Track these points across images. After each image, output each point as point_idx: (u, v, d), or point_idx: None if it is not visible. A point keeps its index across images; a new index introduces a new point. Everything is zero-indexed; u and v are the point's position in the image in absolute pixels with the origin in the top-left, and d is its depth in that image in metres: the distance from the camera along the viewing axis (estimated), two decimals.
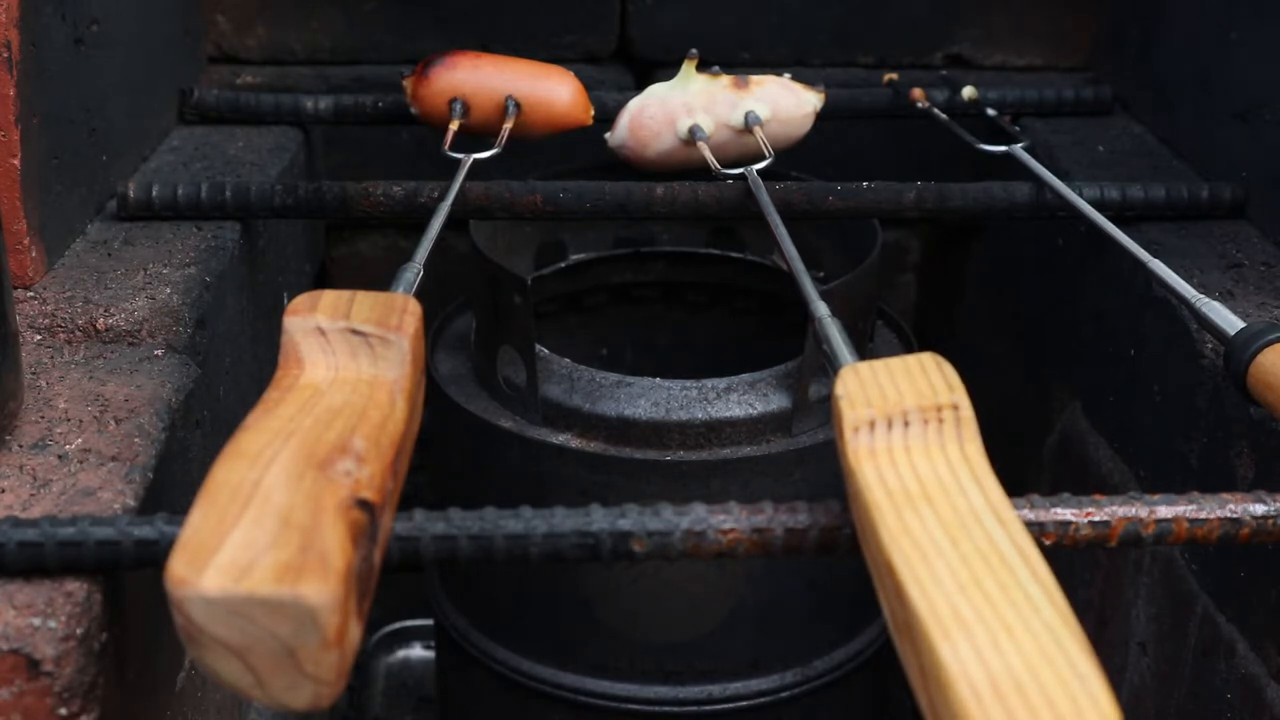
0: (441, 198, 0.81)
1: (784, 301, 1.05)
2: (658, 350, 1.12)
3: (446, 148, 0.89)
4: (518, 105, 0.93)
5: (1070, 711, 0.33)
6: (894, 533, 0.40)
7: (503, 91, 0.94)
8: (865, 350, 0.94)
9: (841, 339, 0.58)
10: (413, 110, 0.96)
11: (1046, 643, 0.35)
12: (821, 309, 0.62)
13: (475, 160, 0.86)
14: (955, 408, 0.46)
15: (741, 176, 0.87)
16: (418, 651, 1.36)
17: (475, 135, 0.94)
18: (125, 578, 0.55)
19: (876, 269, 0.93)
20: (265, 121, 1.06)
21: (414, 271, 0.64)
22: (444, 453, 0.96)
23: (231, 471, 0.43)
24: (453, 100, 0.94)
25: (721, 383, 0.87)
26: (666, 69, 1.24)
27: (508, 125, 0.92)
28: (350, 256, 1.27)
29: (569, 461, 0.86)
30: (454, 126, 0.92)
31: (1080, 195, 0.87)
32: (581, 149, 1.02)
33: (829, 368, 0.57)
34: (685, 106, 0.92)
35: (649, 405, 0.86)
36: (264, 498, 0.41)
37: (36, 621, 0.49)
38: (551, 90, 0.94)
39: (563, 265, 1.06)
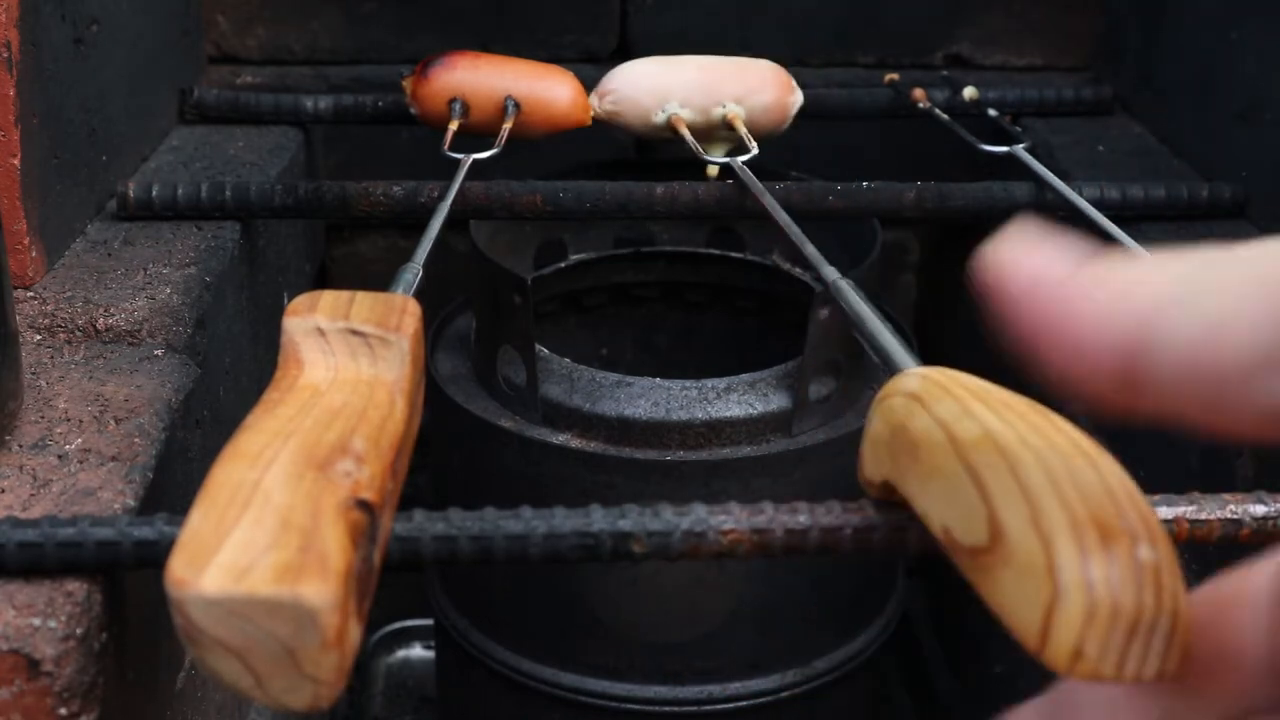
0: (441, 197, 0.81)
1: (784, 301, 1.05)
2: (658, 350, 1.12)
3: (446, 148, 0.89)
4: (517, 105, 0.93)
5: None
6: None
7: (502, 91, 0.94)
8: (865, 350, 0.94)
9: (869, 308, 0.57)
10: (412, 110, 0.96)
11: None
12: (832, 272, 0.62)
13: (475, 160, 0.86)
14: None
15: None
16: (418, 651, 1.36)
17: (475, 135, 0.94)
18: (125, 578, 0.55)
19: (876, 269, 0.93)
20: (265, 121, 1.06)
21: (413, 272, 0.63)
22: (444, 453, 0.96)
23: (231, 472, 0.43)
24: (452, 100, 0.94)
25: (721, 383, 0.87)
26: None
27: (507, 125, 0.92)
28: (350, 256, 1.27)
29: (569, 461, 0.86)
30: (453, 127, 0.92)
31: (1080, 195, 0.87)
32: (581, 149, 1.02)
33: (860, 336, 0.56)
34: None
35: (649, 405, 0.86)
36: (263, 498, 0.41)
37: (36, 621, 0.49)
38: (550, 90, 0.94)
39: (563, 265, 1.06)
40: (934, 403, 0.39)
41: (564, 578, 0.90)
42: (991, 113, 1.06)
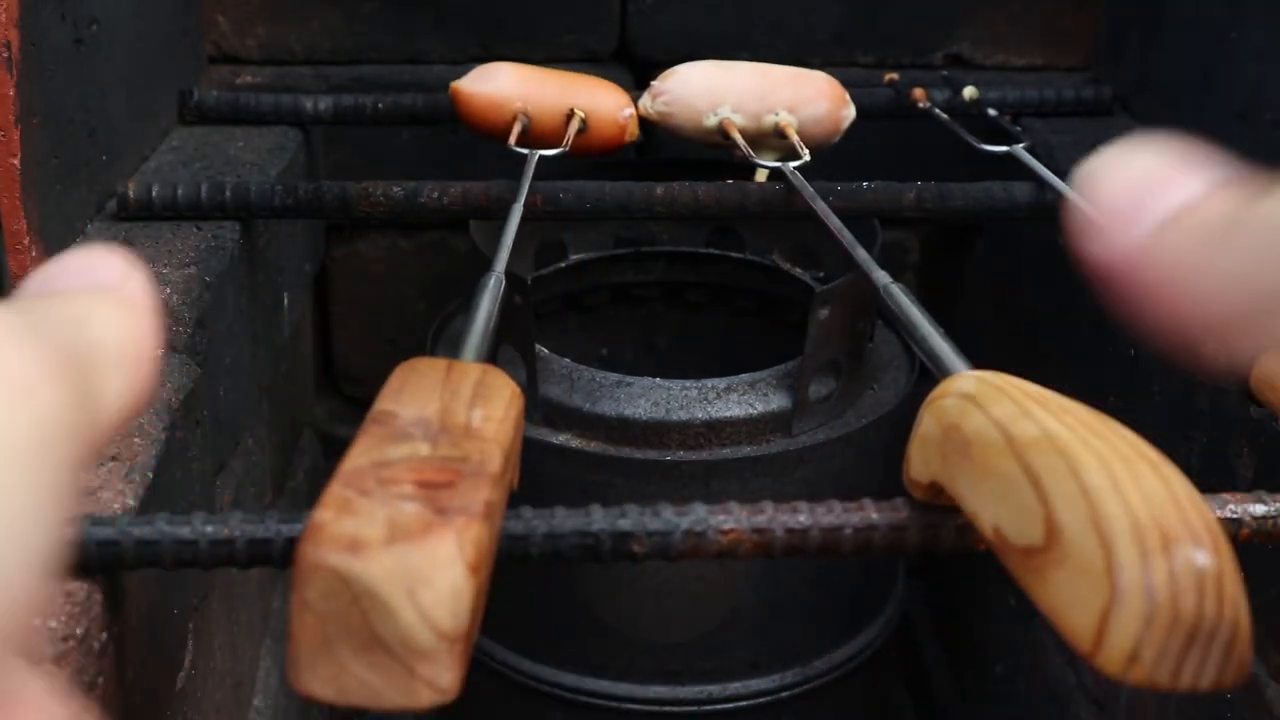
0: (514, 198, 0.82)
1: (784, 301, 1.05)
2: (658, 350, 1.12)
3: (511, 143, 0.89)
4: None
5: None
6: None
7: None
8: (865, 350, 0.94)
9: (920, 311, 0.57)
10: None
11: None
12: (883, 276, 0.62)
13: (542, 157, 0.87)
14: None
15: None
16: None
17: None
18: (125, 578, 0.55)
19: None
20: (265, 121, 1.06)
21: (496, 278, 0.63)
22: None
23: None
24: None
25: (721, 383, 0.87)
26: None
27: (573, 127, 0.93)
28: (350, 256, 1.27)
29: (569, 461, 0.86)
30: (518, 128, 0.93)
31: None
32: None
33: (911, 339, 0.55)
34: None
35: (649, 405, 0.86)
36: None
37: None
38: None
39: (563, 265, 1.06)
40: (990, 404, 0.39)
41: (564, 577, 0.90)
42: (991, 113, 1.06)
